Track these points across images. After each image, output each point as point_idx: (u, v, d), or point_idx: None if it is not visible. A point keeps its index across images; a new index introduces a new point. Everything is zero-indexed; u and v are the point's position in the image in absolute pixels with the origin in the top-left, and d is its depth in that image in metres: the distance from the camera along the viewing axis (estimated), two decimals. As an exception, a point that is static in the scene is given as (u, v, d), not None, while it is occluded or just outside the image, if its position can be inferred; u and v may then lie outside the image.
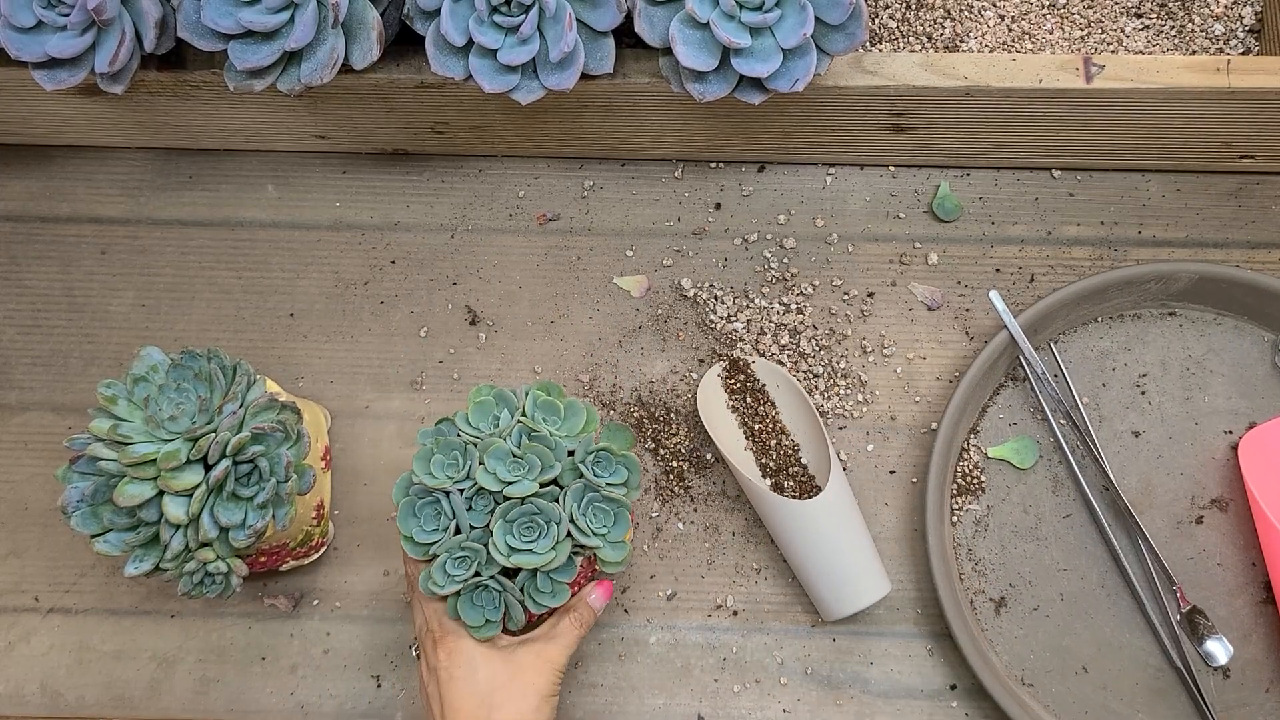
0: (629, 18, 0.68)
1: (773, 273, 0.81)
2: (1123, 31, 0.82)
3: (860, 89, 0.72)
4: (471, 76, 0.69)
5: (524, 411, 0.66)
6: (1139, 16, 0.83)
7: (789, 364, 0.79)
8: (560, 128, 0.79)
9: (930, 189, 0.82)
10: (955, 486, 0.77)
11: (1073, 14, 0.83)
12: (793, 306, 0.81)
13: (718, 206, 0.83)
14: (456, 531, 0.64)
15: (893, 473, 0.78)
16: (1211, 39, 0.82)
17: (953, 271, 0.81)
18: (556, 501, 0.64)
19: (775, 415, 0.78)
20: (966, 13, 0.83)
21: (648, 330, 0.81)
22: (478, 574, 0.64)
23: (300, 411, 0.70)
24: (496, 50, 0.68)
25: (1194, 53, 0.82)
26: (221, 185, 0.84)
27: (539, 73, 0.69)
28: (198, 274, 0.83)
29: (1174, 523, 0.76)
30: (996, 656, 0.74)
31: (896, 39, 0.83)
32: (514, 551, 0.63)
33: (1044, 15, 0.83)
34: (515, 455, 0.64)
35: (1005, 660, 0.74)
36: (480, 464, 0.64)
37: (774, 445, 0.77)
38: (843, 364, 0.80)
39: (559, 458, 0.65)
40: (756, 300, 0.81)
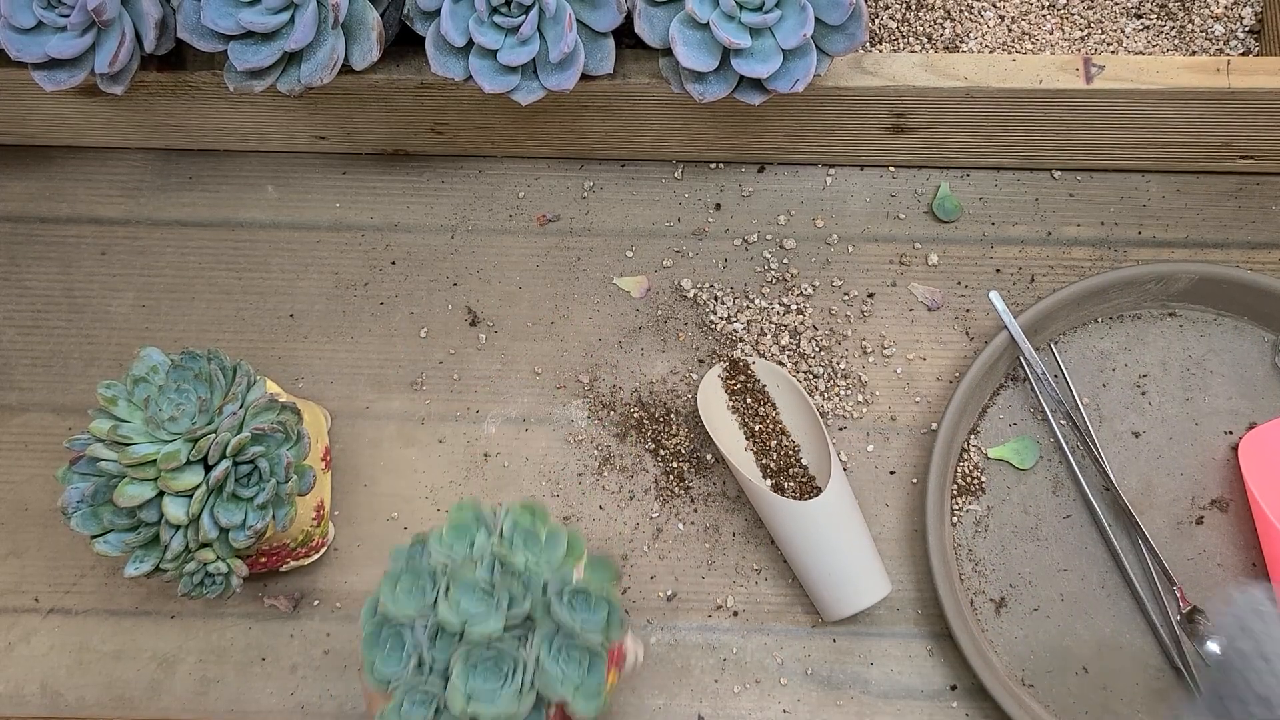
0: (629, 18, 0.68)
1: (773, 273, 0.81)
2: (1123, 32, 0.83)
3: (860, 89, 0.72)
4: (471, 77, 0.69)
5: (500, 535, 0.61)
6: (1139, 17, 0.83)
7: (789, 364, 0.79)
8: (560, 128, 0.79)
9: (930, 189, 0.82)
10: (955, 487, 0.77)
11: (1073, 14, 0.83)
12: (793, 307, 0.81)
13: (718, 207, 0.83)
14: (420, 665, 0.58)
15: (893, 473, 0.78)
16: (1211, 39, 0.82)
17: (953, 272, 0.81)
18: (525, 641, 0.58)
19: (775, 416, 0.78)
20: (966, 13, 0.83)
21: (648, 331, 0.81)
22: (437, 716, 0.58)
23: (300, 412, 0.70)
24: (496, 51, 0.68)
25: (1194, 53, 0.82)
26: (221, 186, 0.84)
27: (539, 73, 0.69)
28: (198, 275, 0.83)
29: (1174, 523, 0.76)
30: (997, 657, 0.74)
31: (896, 39, 0.83)
32: (472, 699, 0.57)
33: (1044, 16, 0.83)
34: (484, 588, 0.58)
35: (1005, 660, 0.75)
36: (446, 593, 0.58)
37: (774, 446, 0.77)
38: (843, 364, 0.80)
39: (531, 591, 0.59)
40: (757, 301, 0.81)
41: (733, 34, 0.66)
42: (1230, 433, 0.77)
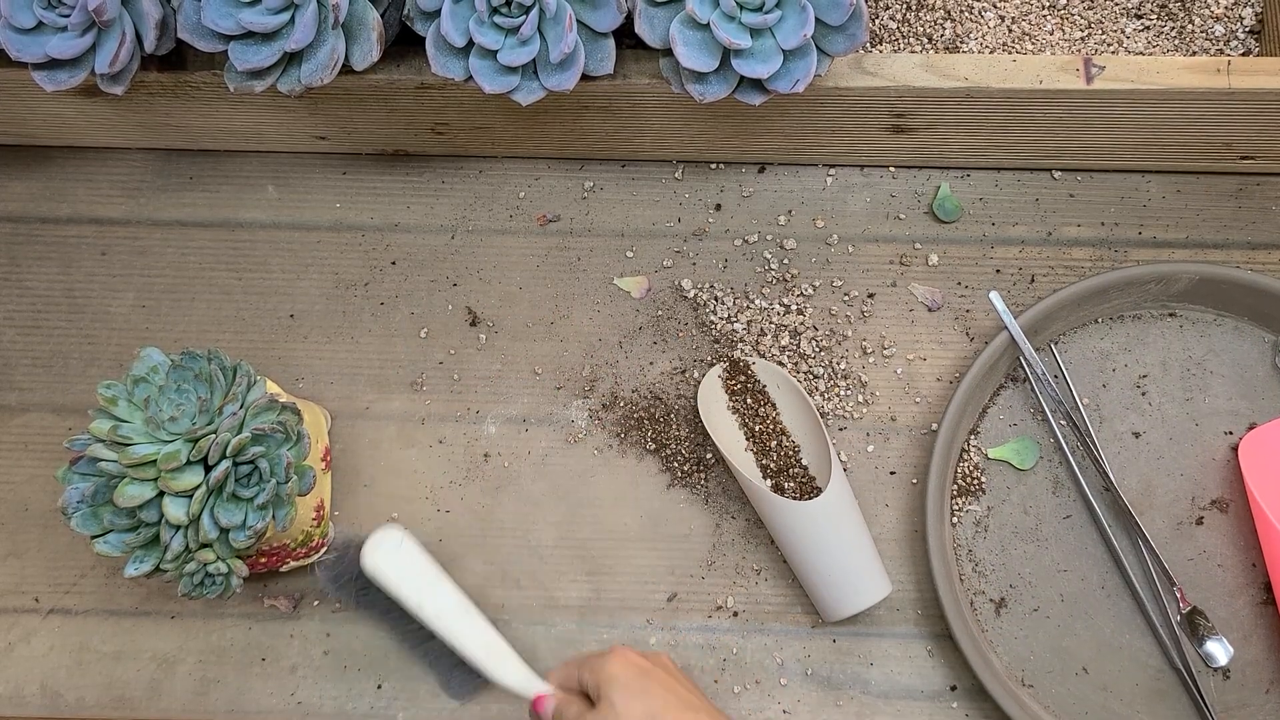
0: (629, 19, 0.68)
1: (773, 273, 0.81)
2: (1123, 32, 0.82)
3: (860, 90, 0.72)
4: (472, 77, 0.69)
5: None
6: (1139, 17, 0.83)
7: (789, 365, 0.79)
8: (560, 128, 0.79)
9: (930, 190, 0.82)
10: (955, 487, 0.77)
11: (1073, 15, 0.83)
12: (793, 307, 0.81)
13: (718, 207, 0.83)
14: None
15: (893, 473, 0.78)
16: (1212, 40, 0.82)
17: (953, 272, 0.81)
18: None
19: (775, 416, 0.78)
20: (967, 14, 0.83)
21: (648, 331, 0.81)
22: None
23: (300, 412, 0.70)
24: (497, 51, 0.68)
25: (1194, 54, 0.82)
26: (221, 186, 0.84)
27: (539, 74, 0.69)
28: (198, 275, 0.83)
29: (1174, 523, 0.76)
30: (997, 657, 0.74)
31: (897, 40, 0.83)
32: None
33: (1044, 16, 0.83)
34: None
35: (1005, 661, 0.74)
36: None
37: (774, 446, 0.77)
38: (843, 365, 0.80)
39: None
40: (757, 301, 0.81)
41: (733, 34, 0.66)
42: (1230, 433, 0.77)
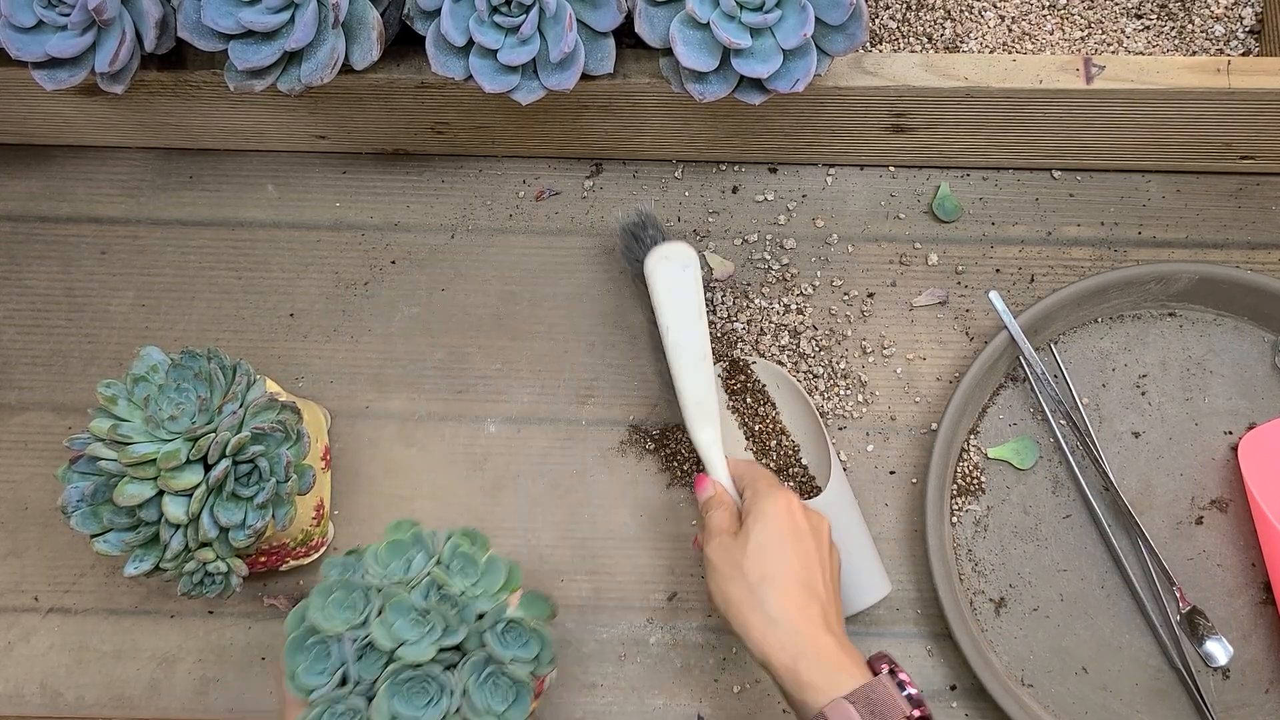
0: (629, 18, 0.68)
1: (773, 273, 0.81)
2: (1123, 32, 0.83)
3: (860, 89, 0.72)
4: (472, 77, 0.69)
5: (439, 560, 0.61)
6: (1139, 17, 0.83)
7: (789, 364, 0.79)
8: (561, 128, 0.79)
9: (930, 189, 0.82)
10: (955, 487, 0.77)
11: (1073, 15, 0.83)
12: (793, 307, 0.81)
13: (718, 207, 0.83)
14: (343, 681, 0.59)
15: (893, 473, 0.78)
16: (1212, 40, 0.82)
17: (953, 272, 0.81)
18: (454, 669, 0.59)
19: (775, 416, 0.78)
20: (967, 13, 0.83)
21: (648, 330, 0.81)
22: None
23: (300, 411, 0.70)
24: (497, 50, 0.68)
25: (1194, 53, 0.82)
26: (222, 185, 0.84)
27: (539, 73, 0.69)
28: (198, 274, 0.83)
29: (1174, 523, 0.76)
30: (996, 657, 0.74)
31: (897, 39, 0.83)
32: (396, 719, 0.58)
33: (1044, 16, 0.83)
34: (419, 612, 0.59)
35: (1005, 661, 0.74)
36: (379, 614, 0.59)
37: (774, 446, 0.77)
38: (843, 364, 0.80)
39: (466, 619, 0.59)
40: (756, 301, 0.81)
41: (733, 34, 0.66)
42: (1230, 433, 0.77)
